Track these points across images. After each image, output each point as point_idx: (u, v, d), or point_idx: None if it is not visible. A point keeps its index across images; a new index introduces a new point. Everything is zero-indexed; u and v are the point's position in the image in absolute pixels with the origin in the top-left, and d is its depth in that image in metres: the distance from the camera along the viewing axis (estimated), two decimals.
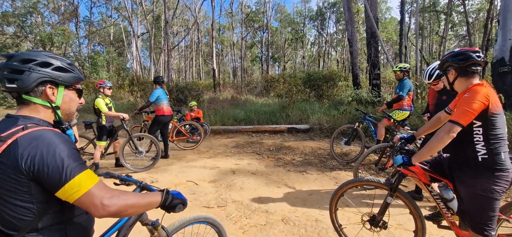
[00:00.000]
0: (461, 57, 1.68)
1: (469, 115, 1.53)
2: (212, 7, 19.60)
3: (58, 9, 23.58)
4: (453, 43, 27.47)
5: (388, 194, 1.98)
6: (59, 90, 1.00)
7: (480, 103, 1.52)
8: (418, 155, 1.77)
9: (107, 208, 0.84)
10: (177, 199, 1.15)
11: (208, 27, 30.01)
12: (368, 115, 5.11)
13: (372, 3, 9.18)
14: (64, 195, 0.83)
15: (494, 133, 1.57)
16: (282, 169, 4.63)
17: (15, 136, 0.83)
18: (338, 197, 2.25)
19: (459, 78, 1.71)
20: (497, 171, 1.56)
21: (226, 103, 12.01)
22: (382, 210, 2.03)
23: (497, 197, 1.58)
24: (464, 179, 1.69)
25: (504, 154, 1.58)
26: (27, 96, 0.94)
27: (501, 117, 1.58)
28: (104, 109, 4.29)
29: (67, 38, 20.64)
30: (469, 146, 1.63)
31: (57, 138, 0.87)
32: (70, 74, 1.01)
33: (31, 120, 0.92)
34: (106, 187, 0.89)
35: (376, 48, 9.50)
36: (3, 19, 20.04)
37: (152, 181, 4.10)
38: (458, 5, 19.56)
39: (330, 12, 30.46)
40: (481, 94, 1.53)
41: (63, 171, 0.82)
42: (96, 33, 28.27)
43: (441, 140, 1.58)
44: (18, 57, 0.93)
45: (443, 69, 1.80)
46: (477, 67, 1.66)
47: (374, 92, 8.45)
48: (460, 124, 1.54)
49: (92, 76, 19.61)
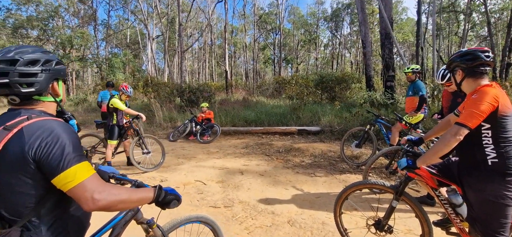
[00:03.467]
0: (469, 57, 1.61)
1: (477, 117, 1.45)
2: (225, 10, 19.79)
3: (78, 12, 24.56)
4: (473, 44, 26.42)
5: (394, 198, 1.92)
6: (59, 84, 1.02)
7: (489, 104, 1.44)
8: (423, 158, 1.69)
9: (97, 202, 0.84)
10: (171, 194, 1.14)
11: (221, 29, 30.30)
12: (380, 117, 4.99)
13: (386, 4, 8.98)
14: (59, 184, 0.84)
15: (504, 135, 1.48)
16: (291, 171, 4.60)
17: (21, 125, 0.85)
18: (342, 200, 2.20)
19: (467, 78, 1.64)
20: (509, 175, 1.47)
21: (237, 104, 12.07)
22: (387, 214, 1.97)
23: (509, 203, 1.48)
24: (473, 184, 1.61)
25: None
26: (38, 96, 0.94)
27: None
28: (123, 107, 4.48)
29: (86, 41, 21.46)
30: (478, 149, 1.54)
31: (61, 127, 0.89)
32: (63, 66, 1.03)
33: (33, 111, 0.92)
34: (99, 180, 0.89)
35: (391, 49, 9.27)
36: (28, 23, 21.11)
37: (162, 180, 4.18)
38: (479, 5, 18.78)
39: (344, 13, 30.07)
40: (490, 95, 1.46)
41: (62, 159, 0.83)
42: (113, 36, 29.21)
43: (447, 143, 1.51)
44: (24, 60, 0.89)
45: (451, 69, 1.72)
46: (486, 67, 1.58)
47: (388, 94, 8.25)
48: (468, 126, 1.46)
49: (109, 77, 20.25)
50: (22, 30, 21.74)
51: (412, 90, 4.41)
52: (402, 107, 7.73)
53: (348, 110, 8.41)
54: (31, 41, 21.71)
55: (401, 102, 8.24)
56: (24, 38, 21.89)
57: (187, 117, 8.64)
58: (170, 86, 13.73)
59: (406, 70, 4.55)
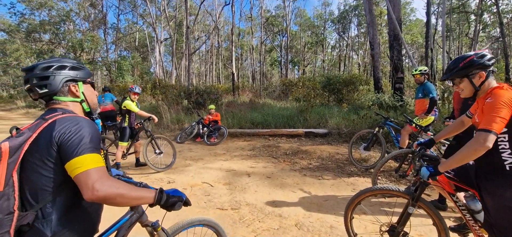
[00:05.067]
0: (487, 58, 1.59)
1: (500, 122, 1.41)
2: (232, 12, 19.88)
3: (88, 17, 25.04)
4: (485, 45, 25.85)
5: (410, 204, 1.84)
6: (79, 86, 1.14)
7: (508, 108, 1.41)
8: (446, 164, 1.61)
9: (96, 192, 0.89)
10: (174, 197, 1.17)
11: (228, 31, 30.48)
12: (389, 119, 4.92)
13: (395, 5, 8.87)
14: (69, 168, 0.92)
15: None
16: (298, 173, 4.57)
17: (55, 117, 0.99)
18: (354, 205, 2.14)
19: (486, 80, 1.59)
20: None
21: (244, 106, 12.08)
22: (403, 220, 1.90)
23: None
24: (491, 189, 1.55)
25: None
26: (57, 97, 1.09)
27: None
28: (136, 109, 4.57)
29: (96, 44, 21.87)
30: (494, 154, 1.49)
31: (86, 122, 1.02)
32: (82, 70, 1.16)
33: (66, 110, 1.07)
34: (104, 173, 0.95)
35: (399, 51, 9.14)
36: (40, 27, 21.65)
37: (169, 181, 4.20)
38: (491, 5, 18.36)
39: (352, 15, 29.86)
40: (506, 98, 1.43)
41: (78, 146, 0.93)
42: (122, 39, 29.67)
43: (475, 151, 1.44)
44: (39, 67, 1.06)
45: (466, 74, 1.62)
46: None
47: (396, 96, 8.13)
48: (494, 132, 1.40)
49: (118, 79, 20.58)
50: (35, 34, 22.29)
51: (422, 92, 4.33)
52: (411, 109, 7.61)
53: (356, 113, 8.32)
54: (43, 44, 22.27)
55: (410, 104, 8.11)
56: (37, 42, 22.47)
57: (194, 119, 8.70)
58: (178, 88, 13.85)
59: (414, 72, 4.48)
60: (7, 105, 21.73)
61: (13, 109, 19.23)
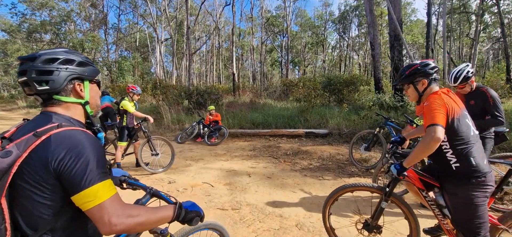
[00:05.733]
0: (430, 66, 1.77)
1: (442, 115, 1.54)
2: (232, 13, 19.90)
3: (89, 17, 25.10)
4: (485, 45, 25.81)
5: (383, 199, 1.96)
6: (85, 85, 0.99)
7: (442, 107, 1.56)
8: (408, 160, 1.72)
9: (114, 227, 0.81)
10: (192, 212, 1.09)
11: (229, 32, 30.47)
12: (390, 120, 4.91)
13: (395, 5, 8.87)
14: (78, 202, 0.82)
15: (459, 139, 1.57)
16: (299, 173, 4.56)
17: (50, 132, 0.82)
18: (331, 203, 2.25)
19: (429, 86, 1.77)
20: (473, 177, 1.54)
21: (244, 106, 12.08)
22: (376, 215, 2.01)
23: (480, 203, 1.55)
24: (448, 188, 1.70)
25: (476, 158, 1.55)
26: (58, 96, 0.92)
27: (463, 120, 1.59)
28: (132, 110, 4.54)
29: (97, 44, 21.90)
30: (442, 156, 1.64)
31: (88, 140, 0.86)
32: (91, 67, 1.00)
33: (64, 117, 0.92)
34: (120, 202, 0.86)
35: (400, 51, 9.14)
36: (41, 27, 21.70)
37: (170, 181, 4.20)
38: (492, 5, 18.33)
39: (352, 15, 29.85)
40: (439, 100, 1.58)
41: (84, 176, 0.80)
42: (123, 39, 29.71)
43: (429, 144, 1.53)
44: (42, 58, 0.89)
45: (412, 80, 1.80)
46: None
47: (397, 97, 8.12)
48: (439, 124, 1.51)
49: (119, 80, 20.60)
50: (36, 34, 22.34)
51: None
52: (412, 109, 7.60)
53: (357, 113, 8.31)
54: (44, 44, 22.31)
55: (411, 104, 8.10)
56: (38, 42, 22.51)
57: (195, 119, 8.71)
58: (178, 88, 13.87)
59: None
60: (8, 105, 21.76)
61: (14, 109, 19.25)
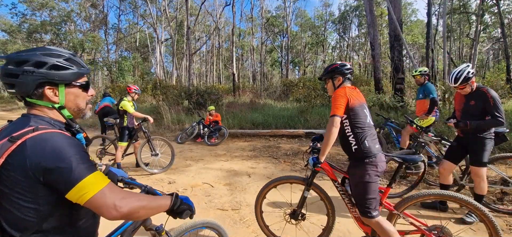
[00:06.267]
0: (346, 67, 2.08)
1: (341, 107, 1.87)
2: (233, 13, 19.93)
3: (89, 17, 25.12)
4: (485, 45, 25.81)
5: (305, 189, 2.21)
6: (60, 90, 0.93)
7: (343, 98, 1.88)
8: (321, 152, 2.00)
9: (120, 209, 0.83)
10: (185, 204, 1.12)
11: (229, 32, 30.50)
12: (390, 120, 4.92)
13: (395, 5, 8.87)
14: (74, 197, 0.81)
15: (357, 124, 1.89)
16: (299, 174, 4.56)
17: (25, 137, 0.80)
18: (262, 198, 2.42)
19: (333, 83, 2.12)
20: (365, 158, 1.85)
21: (244, 107, 12.09)
22: (300, 204, 2.27)
23: (371, 180, 1.84)
24: (350, 171, 2.00)
25: (368, 141, 1.87)
26: (30, 99, 0.90)
27: (361, 109, 1.92)
28: (131, 110, 4.53)
29: (97, 44, 21.93)
30: (346, 140, 1.95)
31: (66, 141, 0.84)
32: (67, 71, 0.92)
33: (43, 119, 0.89)
34: (116, 188, 0.88)
35: (400, 51, 9.14)
36: (42, 27, 21.72)
37: (170, 182, 4.20)
38: (492, 6, 18.33)
39: (352, 16, 29.87)
40: (339, 92, 1.92)
41: (71, 173, 0.79)
42: (123, 40, 29.74)
43: (329, 133, 1.87)
44: (13, 59, 0.87)
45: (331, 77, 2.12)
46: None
47: (397, 97, 8.12)
48: (337, 114, 1.86)
49: (119, 80, 20.60)
50: (36, 35, 22.37)
51: (423, 93, 4.33)
52: (412, 110, 7.60)
53: None
54: (44, 45, 22.31)
55: (411, 104, 8.10)
56: (38, 42, 22.53)
57: (195, 119, 8.71)
58: (178, 88, 13.87)
59: (414, 73, 4.47)
60: (8, 105, 21.76)
61: (14, 109, 19.25)
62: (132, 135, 4.78)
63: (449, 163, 2.95)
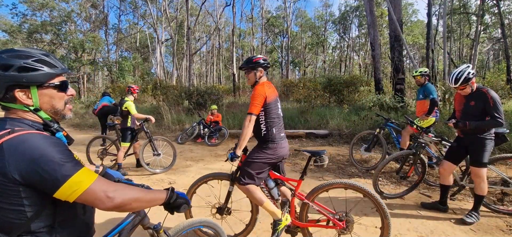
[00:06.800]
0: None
1: (258, 106, 2.12)
2: (233, 13, 19.95)
3: (89, 17, 25.15)
4: (486, 46, 25.81)
5: (230, 184, 2.34)
6: (32, 91, 0.89)
7: (261, 97, 2.13)
8: (238, 147, 2.18)
9: (113, 199, 0.84)
10: (182, 198, 1.13)
11: (229, 32, 30.53)
12: (390, 121, 4.91)
13: (396, 6, 8.88)
14: (64, 195, 0.79)
15: (270, 116, 2.18)
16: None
17: (1, 140, 0.78)
18: (191, 195, 2.54)
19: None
20: (269, 142, 2.18)
21: (245, 107, 12.09)
22: (226, 199, 2.42)
23: (259, 160, 2.16)
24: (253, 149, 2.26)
25: (275, 129, 2.19)
26: (4, 103, 0.87)
27: (275, 104, 2.22)
28: (134, 111, 4.54)
29: (97, 45, 21.96)
30: (259, 127, 2.21)
31: (45, 141, 0.81)
32: (37, 72, 0.88)
33: (21, 121, 0.87)
34: (106, 181, 0.87)
35: (400, 52, 9.14)
36: (42, 27, 21.74)
37: (170, 182, 4.21)
38: (492, 6, 18.34)
39: (352, 16, 29.89)
40: (258, 91, 2.15)
41: (57, 172, 0.77)
42: (123, 40, 29.77)
43: (245, 130, 2.13)
44: None
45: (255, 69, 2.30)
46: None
47: (397, 97, 8.12)
48: (253, 113, 2.11)
49: (119, 80, 20.62)
50: (37, 35, 22.39)
51: (423, 93, 4.33)
52: (412, 110, 7.60)
53: (357, 114, 8.32)
54: (44, 45, 22.35)
55: (411, 105, 8.10)
56: (38, 43, 22.56)
57: (195, 119, 8.71)
58: (179, 89, 13.87)
59: (414, 73, 4.47)
60: None
61: None
62: (134, 136, 4.79)
63: (449, 164, 2.95)
